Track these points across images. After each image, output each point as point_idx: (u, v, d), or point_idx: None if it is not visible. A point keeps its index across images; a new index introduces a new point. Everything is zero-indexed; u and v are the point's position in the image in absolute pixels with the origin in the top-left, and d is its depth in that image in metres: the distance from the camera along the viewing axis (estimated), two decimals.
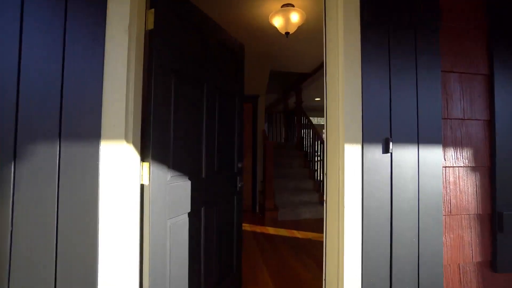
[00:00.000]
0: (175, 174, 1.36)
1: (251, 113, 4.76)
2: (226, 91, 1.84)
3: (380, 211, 1.14)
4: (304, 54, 4.12)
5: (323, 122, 5.63)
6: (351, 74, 1.16)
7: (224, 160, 1.79)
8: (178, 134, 1.38)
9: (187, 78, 1.45)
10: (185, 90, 1.44)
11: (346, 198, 1.11)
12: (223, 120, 1.80)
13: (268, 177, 4.18)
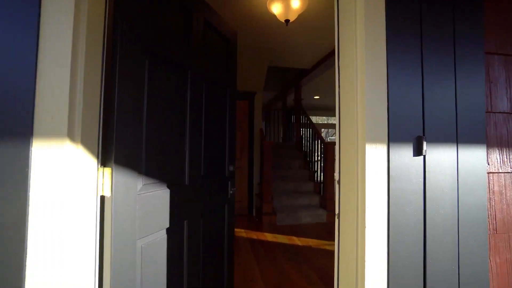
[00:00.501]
0: (149, 181, 1.08)
1: (247, 111, 4.49)
2: (216, 82, 1.57)
3: (410, 231, 0.88)
4: (303, 47, 3.86)
5: (322, 121, 5.42)
6: (373, 58, 0.90)
7: (212, 163, 1.52)
8: (154, 132, 1.11)
9: (165, 62, 1.18)
10: (164, 77, 1.17)
11: (368, 215, 0.85)
12: (212, 115, 1.53)
13: (266, 179, 3.92)
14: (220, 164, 1.61)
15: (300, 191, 4.56)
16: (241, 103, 4.47)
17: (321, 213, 4.06)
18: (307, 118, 5.14)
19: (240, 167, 4.44)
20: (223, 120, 1.65)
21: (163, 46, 1.16)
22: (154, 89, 1.11)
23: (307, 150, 5.21)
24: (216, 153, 1.57)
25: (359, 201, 0.89)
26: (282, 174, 4.75)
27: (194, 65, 1.35)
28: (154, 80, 1.12)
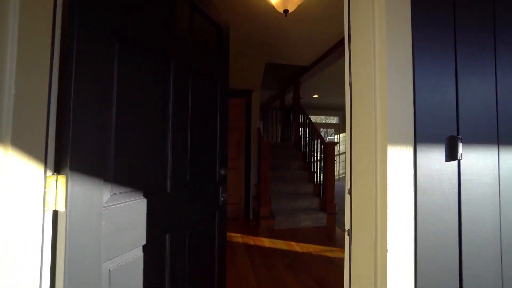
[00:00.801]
0: (120, 190, 0.89)
1: (244, 109, 4.30)
2: (205, 74, 1.38)
3: (443, 256, 0.69)
4: (303, 43, 3.67)
5: (320, 121, 5.20)
6: (396, 43, 0.71)
7: (201, 167, 1.34)
8: (127, 131, 0.92)
9: (141, 48, 0.99)
10: (139, 65, 0.98)
11: (390, 236, 0.67)
12: (200, 112, 1.34)
13: (264, 181, 3.74)
14: (210, 168, 1.42)
15: (299, 193, 4.38)
16: (238, 101, 4.28)
17: (321, 217, 3.89)
18: (306, 117, 4.96)
19: (237, 168, 4.25)
20: (213, 117, 1.46)
21: (139, 29, 0.97)
22: (128, 80, 0.92)
23: (306, 150, 5.04)
24: (205, 155, 1.38)
25: (378, 217, 0.71)
26: (280, 175, 4.56)
27: (178, 54, 1.17)
28: (128, 69, 0.93)
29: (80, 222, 0.74)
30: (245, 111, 4.30)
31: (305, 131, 5.10)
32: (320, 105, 8.89)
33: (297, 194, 4.36)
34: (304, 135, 5.14)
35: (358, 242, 0.80)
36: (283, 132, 6.48)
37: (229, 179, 4.28)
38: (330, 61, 3.99)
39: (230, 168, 4.17)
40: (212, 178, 1.44)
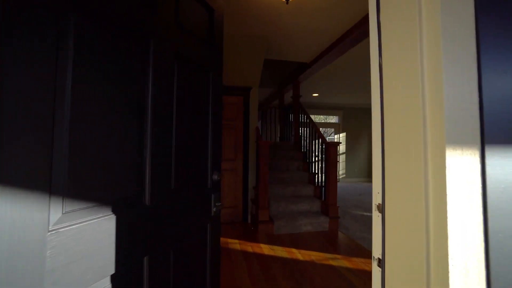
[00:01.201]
0: (77, 206, 0.68)
1: (242, 107, 4.09)
2: (195, 63, 1.17)
3: None
4: (304, 36, 3.46)
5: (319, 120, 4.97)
6: (452, 14, 0.50)
7: (188, 172, 1.12)
8: (87, 127, 0.70)
9: (109, 24, 0.77)
10: (105, 44, 0.76)
11: (454, 282, 0.46)
12: (189, 107, 1.12)
13: (262, 183, 3.52)
14: (200, 172, 1.20)
15: (299, 195, 4.18)
16: (235, 99, 4.06)
17: (323, 221, 3.69)
18: (306, 117, 4.76)
19: (234, 170, 4.04)
20: (204, 113, 1.24)
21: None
22: (90, 62, 0.71)
23: (306, 151, 4.83)
24: (195, 158, 1.16)
25: (432, 250, 0.50)
26: (279, 177, 4.36)
27: (160, 34, 0.95)
28: (89, 47, 0.71)
29: (7, 258, 0.52)
30: (242, 109, 4.09)
31: (305, 130, 4.89)
32: (320, 104, 8.70)
33: (297, 196, 4.15)
34: (304, 135, 4.94)
35: (395, 278, 0.59)
36: (282, 131, 6.27)
37: (226, 181, 4.07)
38: (332, 57, 3.79)
39: (226, 170, 3.96)
40: (202, 184, 1.22)
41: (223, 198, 3.98)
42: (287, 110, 5.84)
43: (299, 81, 5.18)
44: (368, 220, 4.20)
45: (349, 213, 4.66)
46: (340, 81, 5.95)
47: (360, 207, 5.11)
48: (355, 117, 9.01)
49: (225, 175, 3.99)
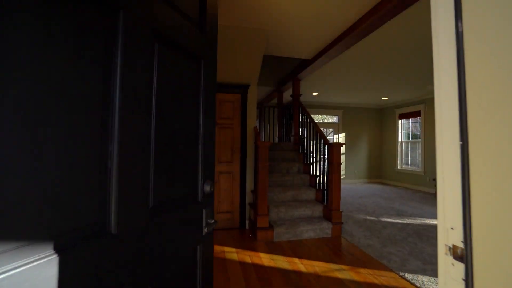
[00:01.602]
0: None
1: (239, 106, 3.85)
2: (182, 48, 0.93)
3: None
4: (305, 29, 3.24)
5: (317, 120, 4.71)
6: None
7: (173, 183, 0.88)
8: (18, 122, 0.46)
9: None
10: (48, 14, 0.52)
11: None
12: (173, 101, 0.89)
13: (261, 188, 3.29)
14: (188, 183, 0.97)
15: (300, 200, 3.95)
16: (232, 96, 3.83)
17: (326, 227, 3.47)
18: (306, 116, 4.53)
19: (231, 172, 3.80)
20: (194, 109, 1.01)
21: None
22: (26, 34, 0.47)
23: (306, 152, 4.61)
24: (181, 165, 0.93)
25: None
26: (279, 180, 4.13)
27: (134, 5, 0.71)
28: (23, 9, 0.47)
29: None
30: (240, 108, 3.85)
31: (305, 130, 4.67)
32: (319, 104, 8.50)
33: (298, 200, 3.93)
34: (304, 135, 4.72)
35: None
36: (281, 131, 6.04)
37: (222, 184, 3.83)
38: (336, 52, 3.57)
39: (223, 172, 3.72)
40: (191, 198, 0.99)
41: (219, 203, 3.75)
42: (286, 109, 5.62)
43: (299, 79, 4.96)
44: (372, 225, 3.99)
45: (352, 217, 4.45)
46: (340, 79, 5.74)
47: (362, 211, 4.90)
48: (355, 117, 8.82)
49: (221, 179, 3.76)
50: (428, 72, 5.11)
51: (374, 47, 3.78)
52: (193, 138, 1.00)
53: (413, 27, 3.19)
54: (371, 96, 7.34)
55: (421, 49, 3.84)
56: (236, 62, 3.49)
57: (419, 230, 3.76)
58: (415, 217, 4.47)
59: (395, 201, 5.84)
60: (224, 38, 3.14)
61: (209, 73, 1.09)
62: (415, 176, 7.59)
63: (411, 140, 8.02)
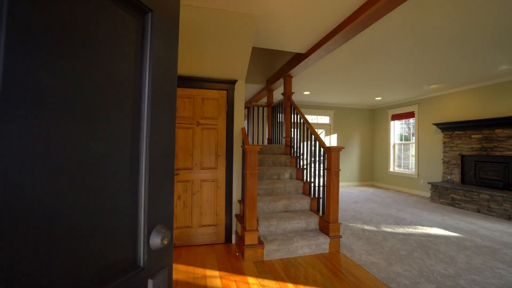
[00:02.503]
0: None
1: (225, 104, 3.38)
2: None
3: None
4: (302, 16, 2.81)
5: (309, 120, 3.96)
6: None
7: (78, 241, 0.41)
8: None
9: None
10: None
11: None
12: (76, 85, 0.41)
13: (250, 199, 2.84)
14: (113, 237, 0.49)
15: (293, 210, 3.53)
16: (216, 93, 3.35)
17: (322, 241, 3.05)
18: (300, 116, 4.12)
19: (216, 180, 3.32)
20: (128, 100, 0.54)
21: None
22: None
23: (300, 155, 4.20)
24: (96, 200, 0.45)
25: None
26: (269, 187, 3.69)
27: None
28: None
29: None
30: (225, 106, 3.38)
31: (298, 132, 4.25)
32: (311, 104, 8.14)
33: (290, 211, 3.50)
34: (296, 137, 4.30)
35: None
36: (271, 133, 5.61)
37: (205, 194, 3.35)
38: (334, 44, 3.16)
39: (206, 180, 3.25)
40: (121, 263, 0.51)
41: (201, 215, 3.27)
42: (277, 109, 5.19)
43: (291, 76, 4.54)
44: (372, 236, 3.62)
45: (349, 227, 4.07)
46: (334, 77, 5.37)
47: (358, 219, 4.54)
48: (347, 118, 8.52)
49: (203, 187, 3.27)
50: (424, 71, 4.82)
51: (370, 42, 3.42)
52: (120, 148, 0.53)
53: (411, 23, 2.85)
54: (364, 95, 7.04)
55: (419, 46, 3.52)
56: (221, 54, 3.02)
57: (422, 242, 3.42)
58: (415, 226, 4.14)
59: (391, 206, 5.53)
60: (207, 23, 2.66)
61: (163, 35, 0.62)
62: (408, 179, 7.35)
63: (404, 142, 7.79)
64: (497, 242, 3.48)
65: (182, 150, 3.22)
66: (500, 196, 4.80)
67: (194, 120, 3.27)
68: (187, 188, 3.23)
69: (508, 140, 5.05)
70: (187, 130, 3.24)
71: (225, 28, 2.74)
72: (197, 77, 3.24)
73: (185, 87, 3.23)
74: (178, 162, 3.20)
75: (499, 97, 5.28)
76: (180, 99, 3.22)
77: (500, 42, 3.51)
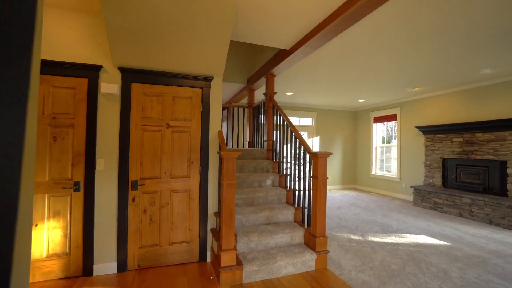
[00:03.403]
0: None
1: (199, 104, 2.98)
2: None
3: None
4: (288, 7, 2.49)
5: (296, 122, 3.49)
6: None
7: None
8: None
9: None
10: None
11: None
12: None
13: (226, 213, 2.46)
14: None
15: (276, 222, 3.19)
16: (190, 91, 2.94)
17: (308, 258, 2.74)
18: (283, 118, 3.80)
19: (188, 191, 2.91)
20: None
21: None
22: None
23: (282, 160, 3.88)
24: None
25: None
26: (249, 197, 3.33)
27: None
28: None
29: None
30: (200, 106, 2.98)
31: (281, 135, 3.93)
32: (293, 105, 7.89)
33: (273, 223, 3.16)
34: (279, 140, 3.97)
35: None
36: (252, 136, 5.26)
37: (176, 206, 2.91)
38: (322, 40, 2.87)
39: (177, 191, 2.83)
40: None
41: (172, 231, 2.84)
42: (259, 110, 4.84)
43: (274, 75, 4.22)
44: (360, 248, 3.36)
45: (335, 237, 3.80)
46: (318, 78, 5.12)
47: (344, 227, 4.29)
48: (330, 120, 8.37)
49: (174, 199, 2.85)
50: (408, 72, 4.69)
51: (354, 43, 3.18)
52: None
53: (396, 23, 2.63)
54: (347, 97, 6.88)
55: (404, 46, 3.33)
56: (196, 46, 2.62)
57: (412, 253, 3.21)
58: (402, 234, 3.96)
59: (375, 212, 5.36)
60: (179, 11, 2.26)
61: None
62: (390, 183, 7.29)
63: (386, 145, 7.74)
64: (485, 250, 3.35)
65: (148, 157, 2.78)
66: (481, 200, 4.76)
67: (163, 121, 2.84)
68: (154, 200, 2.79)
69: (488, 144, 5.05)
70: (154, 133, 2.81)
71: (200, 17, 2.35)
72: (167, 72, 2.82)
73: (153, 83, 2.80)
74: (143, 170, 2.76)
75: (480, 101, 5.28)
76: (146, 97, 2.78)
77: (484, 45, 3.40)
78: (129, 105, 2.72)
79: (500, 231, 4.15)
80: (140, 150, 2.75)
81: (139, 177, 2.75)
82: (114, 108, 2.66)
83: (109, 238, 2.63)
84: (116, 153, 2.66)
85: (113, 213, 2.65)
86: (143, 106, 2.78)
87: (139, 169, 2.75)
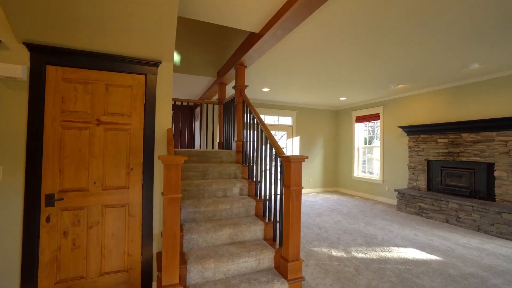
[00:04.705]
0: None
1: (142, 95, 2.35)
2: None
3: None
4: None
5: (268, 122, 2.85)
6: None
7: None
8: None
9: None
10: None
11: None
12: None
13: (169, 236, 1.85)
14: None
15: (241, 241, 2.61)
16: (130, 78, 2.31)
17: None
18: (252, 116, 3.24)
19: (126, 205, 2.27)
20: None
21: None
22: None
23: (253, 164, 3.32)
24: None
25: None
26: (210, 210, 2.73)
27: None
28: None
29: None
30: (143, 97, 2.36)
31: (253, 134, 3.37)
32: (271, 103, 7.37)
33: (237, 242, 2.58)
34: (251, 142, 3.41)
35: None
36: (223, 136, 4.66)
37: (110, 226, 2.05)
38: (294, 19, 2.33)
39: (112, 206, 2.19)
40: None
41: (103, 258, 2.19)
42: (229, 107, 4.26)
43: (245, 65, 3.66)
44: (342, 269, 2.86)
45: (313, 254, 3.28)
46: (294, 70, 4.62)
47: (324, 239, 3.79)
48: (310, 119, 7.92)
49: (107, 216, 2.20)
50: (393, 69, 4.29)
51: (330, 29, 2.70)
52: None
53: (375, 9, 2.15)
54: (328, 95, 6.45)
55: (386, 36, 2.88)
56: (135, 20, 2.00)
57: (402, 274, 2.74)
58: (388, 247, 3.51)
59: (358, 219, 4.93)
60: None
61: None
62: (372, 185, 6.94)
63: (368, 146, 7.40)
64: (480, 266, 2.95)
65: (71, 161, 2.11)
66: (469, 206, 4.44)
67: (93, 116, 2.19)
68: (79, 219, 2.13)
69: (474, 145, 4.75)
70: (80, 131, 2.15)
71: None
72: (97, 52, 2.17)
73: (78, 67, 2.14)
74: (63, 179, 2.09)
75: (466, 99, 4.99)
76: (69, 85, 2.12)
77: (474, 37, 3.01)
78: (42, 94, 2.04)
79: (490, 240, 3.82)
80: (58, 153, 2.08)
81: (58, 189, 2.08)
82: (19, 98, 1.98)
83: (8, 274, 1.95)
84: (22, 158, 1.98)
85: (15, 239, 1.96)
86: (63, 96, 2.12)
87: (57, 178, 2.08)
